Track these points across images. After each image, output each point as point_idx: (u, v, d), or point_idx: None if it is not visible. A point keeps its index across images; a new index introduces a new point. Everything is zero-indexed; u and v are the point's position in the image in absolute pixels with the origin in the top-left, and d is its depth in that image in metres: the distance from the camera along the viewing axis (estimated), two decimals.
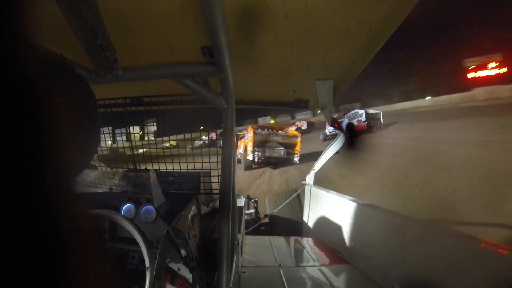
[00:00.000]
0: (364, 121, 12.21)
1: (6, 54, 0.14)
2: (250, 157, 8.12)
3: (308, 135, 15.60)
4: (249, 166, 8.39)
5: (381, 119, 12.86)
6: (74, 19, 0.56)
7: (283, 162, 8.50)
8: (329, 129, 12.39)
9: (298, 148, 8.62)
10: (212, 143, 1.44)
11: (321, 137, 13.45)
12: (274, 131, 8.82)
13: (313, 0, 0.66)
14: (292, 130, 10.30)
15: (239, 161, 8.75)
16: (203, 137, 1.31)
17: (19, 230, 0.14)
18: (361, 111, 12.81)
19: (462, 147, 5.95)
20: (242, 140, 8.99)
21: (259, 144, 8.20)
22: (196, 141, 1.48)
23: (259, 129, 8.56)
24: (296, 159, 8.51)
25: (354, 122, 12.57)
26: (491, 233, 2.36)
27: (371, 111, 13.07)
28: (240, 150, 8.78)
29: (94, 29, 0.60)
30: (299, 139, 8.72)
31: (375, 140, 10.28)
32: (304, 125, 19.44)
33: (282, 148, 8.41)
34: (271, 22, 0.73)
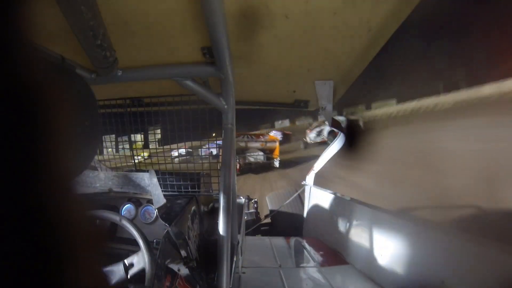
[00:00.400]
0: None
1: (6, 55, 0.14)
2: None
3: (286, 145, 15.09)
4: None
5: (361, 125, 13.44)
6: (74, 19, 0.56)
7: (263, 167, 8.79)
8: (310, 137, 12.92)
9: (277, 152, 9.02)
10: (189, 154, 1.43)
11: (302, 146, 13.75)
12: (254, 138, 9.29)
13: (313, 1, 0.66)
14: (271, 135, 10.71)
15: None
16: (180, 150, 1.27)
17: (18, 231, 0.14)
18: (342, 118, 13.10)
19: None
20: None
21: (239, 152, 8.48)
22: (173, 152, 1.45)
23: (239, 137, 8.83)
24: (276, 163, 8.85)
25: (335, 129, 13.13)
26: None
27: (352, 117, 13.68)
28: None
29: (94, 29, 0.60)
30: (277, 144, 9.20)
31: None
32: (278, 136, 18.36)
33: (261, 154, 8.83)
34: (271, 23, 0.73)
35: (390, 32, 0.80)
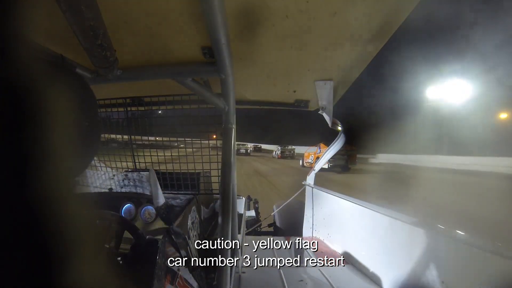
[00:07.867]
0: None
1: (6, 54, 0.14)
2: None
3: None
4: None
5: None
6: (74, 19, 0.56)
7: None
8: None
9: None
10: None
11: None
12: None
13: (313, 1, 0.66)
14: None
15: None
16: None
17: (19, 229, 0.14)
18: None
19: None
20: None
21: None
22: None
23: None
24: None
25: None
26: None
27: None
28: None
29: (95, 29, 0.60)
30: None
31: None
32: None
33: None
34: (271, 23, 0.73)
35: (391, 32, 0.80)
